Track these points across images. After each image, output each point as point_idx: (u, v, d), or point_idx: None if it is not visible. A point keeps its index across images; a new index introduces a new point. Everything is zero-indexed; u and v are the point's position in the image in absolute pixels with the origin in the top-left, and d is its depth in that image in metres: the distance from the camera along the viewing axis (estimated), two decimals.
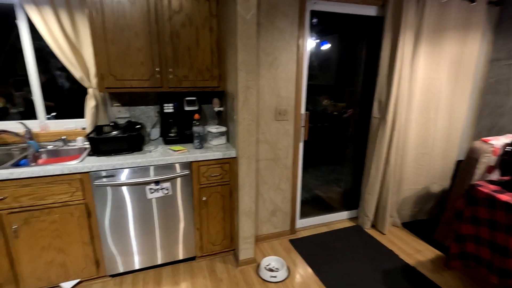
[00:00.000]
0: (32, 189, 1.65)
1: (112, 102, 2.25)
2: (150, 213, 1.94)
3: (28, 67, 2.08)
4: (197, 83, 2.10)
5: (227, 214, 2.14)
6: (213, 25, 2.03)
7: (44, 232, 1.73)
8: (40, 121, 2.18)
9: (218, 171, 2.02)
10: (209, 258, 2.25)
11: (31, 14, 1.89)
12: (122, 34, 1.86)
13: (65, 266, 1.84)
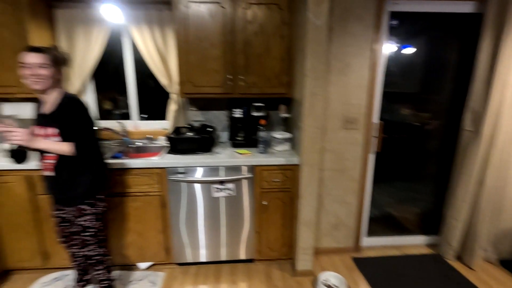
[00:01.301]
0: (124, 178, 1.94)
1: (190, 107, 2.49)
2: (216, 210, 2.06)
3: (128, 76, 2.48)
4: (265, 89, 2.16)
5: (286, 221, 2.12)
6: (284, 32, 2.07)
7: (128, 216, 2.02)
8: (134, 121, 2.56)
9: (280, 177, 2.03)
10: (266, 263, 2.26)
11: (133, 31, 2.25)
12: (200, 45, 2.05)
13: (142, 249, 2.10)
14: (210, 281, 2.07)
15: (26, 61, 1.37)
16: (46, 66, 1.39)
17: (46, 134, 1.48)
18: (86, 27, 2.24)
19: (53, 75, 1.42)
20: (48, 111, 1.47)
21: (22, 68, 1.38)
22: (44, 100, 1.50)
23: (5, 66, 1.99)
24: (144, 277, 2.09)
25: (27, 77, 1.38)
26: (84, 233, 1.61)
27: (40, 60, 1.37)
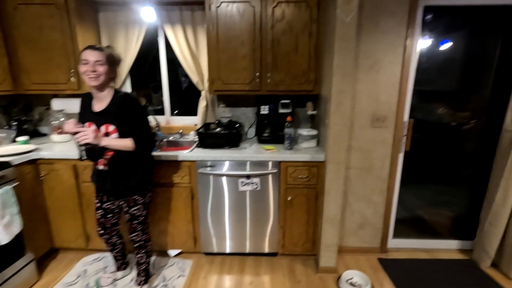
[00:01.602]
0: (157, 169, 2.07)
1: (219, 103, 2.58)
2: (241, 204, 2.14)
3: (162, 74, 2.62)
4: (292, 86, 2.18)
5: (311, 217, 2.14)
6: (312, 30, 2.08)
7: (160, 205, 2.15)
8: (166, 117, 2.71)
9: (305, 173, 2.05)
10: (290, 258, 2.29)
11: (167, 31, 2.38)
12: (230, 43, 2.12)
13: (172, 237, 2.23)
14: (235, 272, 2.15)
15: (86, 57, 1.46)
16: (102, 63, 1.48)
17: (107, 131, 1.56)
18: (126, 28, 2.41)
19: (107, 73, 1.50)
20: (102, 109, 1.55)
21: (82, 65, 1.48)
22: (98, 97, 1.57)
23: (56, 65, 2.20)
24: (173, 263, 2.22)
25: (86, 73, 1.47)
26: (134, 221, 1.75)
27: (97, 57, 1.47)
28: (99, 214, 1.80)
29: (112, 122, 1.55)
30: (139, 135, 1.57)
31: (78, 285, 1.99)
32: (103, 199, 1.76)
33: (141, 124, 1.59)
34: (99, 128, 1.57)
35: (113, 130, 1.56)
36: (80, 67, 1.49)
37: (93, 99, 1.61)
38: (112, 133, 1.56)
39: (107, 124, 1.56)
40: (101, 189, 1.72)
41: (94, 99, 1.60)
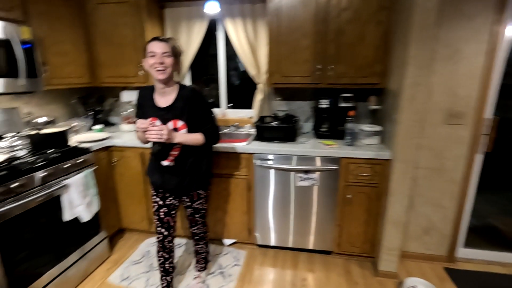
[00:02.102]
0: (215, 160, 2.14)
1: (275, 97, 2.56)
2: (297, 199, 2.11)
3: (220, 68, 2.68)
4: (355, 79, 2.07)
5: (371, 218, 2.03)
6: (381, 18, 1.94)
7: (218, 195, 2.22)
8: (222, 109, 2.77)
9: (368, 171, 1.94)
10: (345, 258, 2.21)
11: (227, 24, 2.41)
12: (292, 35, 2.08)
13: (227, 226, 2.29)
14: (288, 266, 2.13)
15: (152, 49, 1.40)
16: (169, 55, 1.41)
17: (175, 127, 1.51)
18: (188, 23, 2.49)
19: (173, 65, 1.45)
20: (169, 104, 1.49)
21: (149, 58, 1.42)
22: (163, 92, 1.50)
23: (127, 60, 2.37)
24: (228, 252, 2.28)
25: (153, 66, 1.41)
26: (196, 215, 1.75)
27: (164, 49, 1.40)
28: (163, 212, 1.68)
29: (181, 118, 1.50)
30: (208, 129, 1.56)
31: (143, 264, 2.15)
32: (166, 195, 1.68)
33: (210, 118, 1.57)
34: (166, 124, 1.50)
35: (182, 125, 1.51)
36: (146, 60, 1.44)
37: (154, 93, 1.54)
38: (181, 129, 1.51)
39: (175, 119, 1.50)
40: (161, 186, 1.63)
41: (157, 94, 1.53)
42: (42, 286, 1.68)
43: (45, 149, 1.76)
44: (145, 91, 1.58)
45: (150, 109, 1.52)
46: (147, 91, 1.57)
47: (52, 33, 2.06)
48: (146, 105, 1.55)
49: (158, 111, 1.51)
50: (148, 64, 1.44)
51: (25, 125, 2.11)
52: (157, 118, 1.50)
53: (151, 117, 1.50)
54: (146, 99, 1.55)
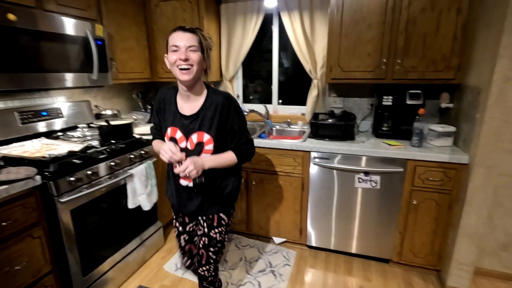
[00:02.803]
0: (268, 157, 2.10)
1: (330, 93, 2.45)
2: (354, 201, 1.99)
3: (273, 64, 2.63)
4: (426, 74, 1.88)
5: (440, 227, 1.84)
6: (462, 5, 1.73)
7: (270, 192, 2.18)
8: (274, 105, 2.72)
9: (439, 176, 1.75)
10: (405, 268, 2.04)
11: (283, 18, 2.34)
12: (355, 27, 1.95)
13: (278, 224, 2.25)
14: (341, 272, 2.03)
15: (176, 42, 1.09)
16: (195, 49, 1.10)
17: (201, 141, 1.19)
18: (244, 18, 2.47)
19: (200, 62, 1.13)
20: (194, 112, 1.20)
21: (171, 53, 1.11)
22: (187, 96, 1.20)
23: None
24: (277, 250, 2.24)
25: (176, 63, 1.10)
26: (210, 247, 1.34)
27: (190, 41, 1.09)
28: (183, 239, 1.44)
29: (208, 131, 1.19)
30: (241, 146, 1.26)
31: None
32: (186, 221, 1.42)
33: (244, 132, 1.27)
34: (189, 136, 1.20)
35: (208, 140, 1.19)
36: (167, 56, 1.13)
37: (177, 96, 1.25)
38: (207, 144, 1.19)
39: (200, 131, 1.19)
40: (180, 209, 1.35)
41: (180, 98, 1.23)
42: (106, 269, 1.79)
43: (112, 140, 1.86)
44: (167, 92, 1.28)
45: (171, 116, 1.24)
46: (170, 92, 1.27)
47: (119, 30, 2.17)
48: (167, 110, 1.25)
49: (180, 119, 1.22)
50: (170, 61, 1.12)
51: (94, 117, 2.27)
52: (177, 128, 1.22)
53: (171, 126, 1.23)
54: (167, 103, 1.26)
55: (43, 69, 1.62)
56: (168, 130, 1.23)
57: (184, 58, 1.08)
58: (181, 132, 1.22)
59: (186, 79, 1.11)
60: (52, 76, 1.68)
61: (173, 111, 1.23)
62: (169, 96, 1.26)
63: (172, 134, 1.23)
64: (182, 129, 1.21)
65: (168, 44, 1.12)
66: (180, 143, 1.22)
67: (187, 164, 1.09)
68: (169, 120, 1.24)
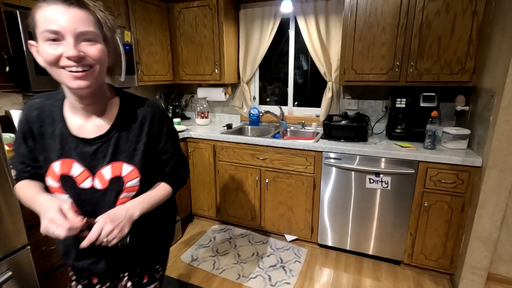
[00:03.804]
0: (281, 156, 2.18)
1: (344, 95, 2.49)
2: (366, 201, 2.02)
3: (289, 66, 2.70)
4: (441, 77, 1.89)
5: (452, 230, 1.83)
6: (478, 8, 1.73)
7: (282, 191, 2.26)
8: (289, 107, 2.80)
9: (452, 178, 1.75)
10: (416, 271, 2.03)
11: (299, 22, 2.42)
12: (369, 30, 1.99)
13: (290, 222, 2.32)
14: (351, 271, 2.06)
15: (55, 26, 0.63)
16: (94, 38, 0.68)
17: (118, 175, 0.80)
18: (261, 22, 2.58)
19: (104, 58, 0.71)
20: (103, 132, 0.79)
21: (47, 43, 0.64)
22: (86, 109, 0.78)
23: (204, 58, 2.57)
24: (289, 247, 2.31)
25: (61, 62, 0.65)
26: None
27: (83, 25, 0.65)
28: None
29: (130, 159, 0.81)
30: (175, 168, 0.92)
31: (209, 248, 2.31)
32: (93, 282, 0.96)
33: (179, 152, 0.93)
34: (96, 171, 0.79)
35: (131, 172, 0.81)
36: (37, 47, 0.67)
37: (64, 109, 0.80)
38: (129, 179, 0.81)
39: (116, 162, 0.80)
40: (88, 268, 0.88)
41: (73, 112, 0.79)
42: None
43: None
44: (44, 106, 0.81)
45: (58, 142, 0.79)
46: (50, 105, 0.81)
47: (145, 36, 2.35)
48: (48, 134, 0.80)
49: (77, 145, 0.78)
50: (46, 58, 0.66)
51: None
52: (76, 160, 0.78)
53: (60, 158, 0.78)
54: (47, 122, 0.80)
55: None
56: (55, 166, 0.78)
57: (75, 56, 0.64)
58: (81, 165, 0.78)
59: (82, 87, 0.67)
60: None
61: (60, 133, 0.78)
62: (49, 112, 0.79)
63: (64, 170, 0.78)
64: (83, 161, 0.78)
65: (36, 24, 0.64)
66: (81, 183, 0.79)
67: (102, 226, 0.70)
68: (54, 149, 0.78)
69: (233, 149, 2.33)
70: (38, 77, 1.55)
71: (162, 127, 0.86)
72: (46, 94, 0.83)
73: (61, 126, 0.79)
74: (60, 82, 0.70)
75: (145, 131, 0.83)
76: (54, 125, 0.79)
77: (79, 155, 0.79)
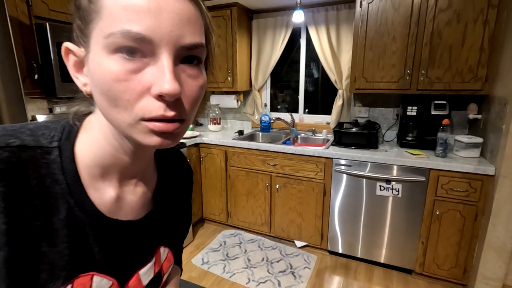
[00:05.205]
0: (292, 162, 2.21)
1: (355, 103, 2.51)
2: (376, 209, 2.02)
3: (300, 74, 2.76)
4: (452, 85, 1.89)
5: (465, 240, 1.81)
6: (490, 17, 1.74)
7: (292, 196, 2.28)
8: (300, 114, 2.83)
9: (464, 186, 1.74)
10: (428, 280, 2.01)
11: (311, 31, 2.48)
12: (380, 40, 2.02)
13: (300, 228, 2.33)
14: (361, 279, 2.05)
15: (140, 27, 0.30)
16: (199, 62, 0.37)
17: (162, 269, 0.52)
18: (273, 32, 2.65)
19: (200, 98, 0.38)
20: (146, 211, 0.48)
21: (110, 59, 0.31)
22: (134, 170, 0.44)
23: (217, 67, 2.64)
24: (299, 253, 2.31)
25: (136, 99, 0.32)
26: None
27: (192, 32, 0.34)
28: None
29: (168, 241, 0.54)
30: (181, 249, 0.68)
31: (220, 252, 2.34)
32: None
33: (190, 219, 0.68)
34: (131, 277, 0.46)
35: (168, 255, 0.54)
36: (98, 62, 0.32)
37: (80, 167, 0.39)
38: (167, 267, 0.54)
39: (159, 247, 0.51)
40: None
41: (101, 172, 0.41)
42: None
43: None
44: (23, 160, 0.35)
45: (64, 247, 0.36)
46: (34, 161, 0.36)
47: None
48: (35, 236, 0.34)
49: (104, 239, 0.41)
50: (104, 79, 0.32)
51: None
52: (95, 272, 0.40)
53: (68, 280, 0.37)
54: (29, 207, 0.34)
55: None
56: None
57: (174, 94, 0.32)
58: (106, 276, 0.42)
59: (164, 146, 0.36)
60: None
61: (68, 224, 0.37)
62: (36, 180, 0.35)
63: None
64: (111, 266, 0.43)
65: (99, 13, 0.32)
66: None
67: None
68: (54, 264, 0.36)
69: (244, 155, 2.38)
70: (63, 84, 1.65)
71: (190, 188, 0.62)
72: (17, 129, 0.37)
73: (71, 206, 0.38)
74: (117, 129, 0.37)
75: (186, 199, 0.60)
76: (49, 208, 0.36)
77: (108, 256, 0.42)
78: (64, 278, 0.36)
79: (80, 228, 0.38)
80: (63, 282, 0.36)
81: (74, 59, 0.37)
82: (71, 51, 0.37)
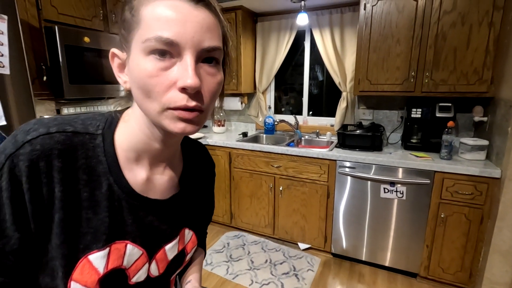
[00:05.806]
0: (296, 164, 2.21)
1: (359, 105, 2.51)
2: (380, 211, 2.01)
3: (305, 77, 2.76)
4: (457, 87, 1.88)
5: (470, 243, 1.79)
6: (495, 19, 1.73)
7: (296, 198, 2.28)
8: (304, 116, 2.84)
9: (469, 189, 1.73)
10: (433, 284, 1.98)
11: (315, 34, 2.49)
12: (384, 42, 2.03)
13: (303, 230, 2.33)
14: (366, 282, 2.04)
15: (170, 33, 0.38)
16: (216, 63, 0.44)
17: (185, 247, 0.59)
18: (278, 34, 2.67)
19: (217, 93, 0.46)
20: (176, 190, 0.56)
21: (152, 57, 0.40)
22: (163, 158, 0.53)
23: None
24: (302, 256, 2.31)
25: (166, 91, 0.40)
26: None
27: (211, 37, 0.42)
28: None
29: (192, 223, 0.60)
30: (206, 234, 0.78)
31: (223, 253, 2.35)
32: None
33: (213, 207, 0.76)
34: (158, 251, 0.53)
35: (191, 238, 0.60)
36: (136, 62, 0.41)
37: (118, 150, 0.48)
38: (190, 248, 0.60)
39: (183, 229, 0.58)
40: None
41: (135, 156, 0.49)
42: None
43: None
44: (74, 144, 0.44)
45: (104, 215, 0.45)
46: (83, 144, 0.45)
47: None
48: (80, 203, 0.44)
49: (137, 213, 0.49)
50: (141, 75, 0.40)
51: None
52: (128, 241, 0.48)
53: (107, 243, 0.45)
54: (78, 179, 0.44)
55: (104, 81, 1.94)
56: (96, 259, 0.44)
57: (194, 87, 0.39)
58: (138, 245, 0.49)
59: (187, 132, 0.43)
60: (110, 87, 1.99)
61: (108, 197, 0.46)
62: (84, 159, 0.45)
63: (114, 263, 0.46)
64: (142, 238, 0.50)
65: (139, 24, 0.40)
66: (133, 276, 0.49)
67: None
68: (95, 228, 0.45)
69: (248, 157, 2.39)
70: (71, 86, 1.69)
71: (213, 176, 0.72)
72: (71, 119, 0.46)
73: (111, 183, 0.46)
74: (148, 117, 0.44)
75: (208, 186, 0.68)
76: (93, 182, 0.45)
77: (140, 228, 0.49)
78: (104, 241, 0.45)
79: (117, 202, 0.47)
80: (103, 244, 0.45)
81: (118, 61, 0.46)
82: (116, 55, 0.46)
